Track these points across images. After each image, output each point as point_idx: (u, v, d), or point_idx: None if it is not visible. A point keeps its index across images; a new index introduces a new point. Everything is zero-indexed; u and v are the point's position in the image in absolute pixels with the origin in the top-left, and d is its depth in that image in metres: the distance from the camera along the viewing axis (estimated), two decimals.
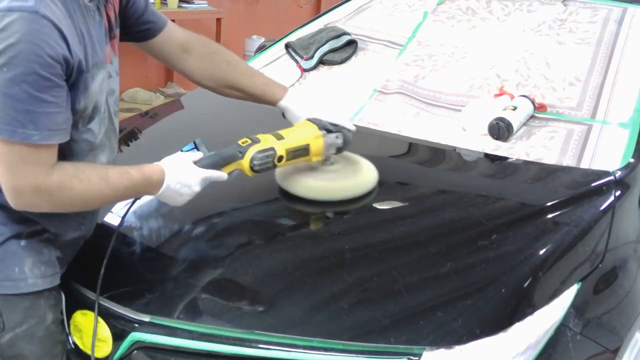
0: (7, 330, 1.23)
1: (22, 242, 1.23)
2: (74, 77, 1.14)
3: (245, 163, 1.35)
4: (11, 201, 1.13)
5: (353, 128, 1.57)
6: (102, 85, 1.25)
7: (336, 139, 1.51)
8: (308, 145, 1.45)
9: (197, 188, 1.30)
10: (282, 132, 1.44)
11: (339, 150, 1.53)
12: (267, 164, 1.38)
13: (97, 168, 1.20)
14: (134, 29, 1.42)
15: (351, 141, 1.54)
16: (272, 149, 1.38)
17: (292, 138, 1.43)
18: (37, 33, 1.05)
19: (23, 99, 1.05)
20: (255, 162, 1.36)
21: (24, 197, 1.12)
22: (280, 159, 1.40)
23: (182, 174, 1.28)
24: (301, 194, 1.51)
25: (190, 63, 1.53)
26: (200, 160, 1.32)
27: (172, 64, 1.55)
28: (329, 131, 1.49)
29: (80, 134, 1.23)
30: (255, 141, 1.38)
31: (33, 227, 1.24)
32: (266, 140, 1.39)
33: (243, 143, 1.37)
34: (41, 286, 1.24)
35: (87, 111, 1.22)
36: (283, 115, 1.62)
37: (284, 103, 1.58)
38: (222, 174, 1.34)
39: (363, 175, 1.57)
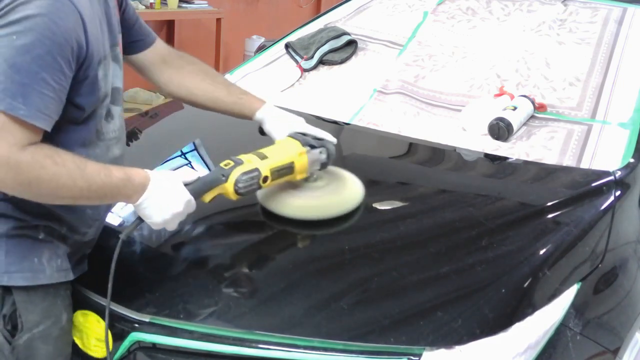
0: (25, 331, 1.22)
1: (41, 235, 1.22)
2: (92, 65, 1.14)
3: (229, 187, 1.28)
4: None
5: (335, 141, 1.51)
6: (115, 74, 1.25)
7: (320, 155, 1.44)
8: (292, 163, 1.39)
9: (181, 208, 1.22)
10: (264, 150, 1.37)
11: (323, 165, 1.47)
12: (252, 186, 1.32)
13: (76, 157, 1.12)
14: (123, 39, 1.38)
15: (334, 155, 1.48)
16: (257, 169, 1.32)
17: (276, 157, 1.36)
18: (57, 11, 1.05)
19: (22, 71, 1.03)
20: (240, 185, 1.29)
21: None
22: (265, 179, 1.33)
23: (169, 188, 1.21)
24: (287, 215, 1.43)
25: (167, 74, 1.51)
26: (189, 184, 1.25)
27: (150, 76, 1.52)
28: (312, 147, 1.43)
29: (103, 125, 1.23)
30: (238, 163, 1.31)
31: (50, 221, 1.23)
32: (249, 161, 1.32)
33: (225, 165, 1.30)
34: (57, 279, 1.24)
35: (107, 100, 1.22)
36: (260, 130, 1.57)
37: (260, 115, 1.53)
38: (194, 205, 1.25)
39: (349, 190, 1.50)
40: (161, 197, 1.20)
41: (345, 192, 1.49)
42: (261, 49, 2.56)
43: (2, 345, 1.22)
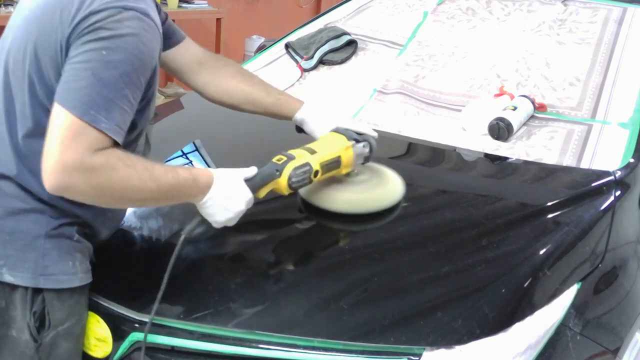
0: (52, 329, 1.23)
1: (75, 236, 1.23)
2: (154, 86, 1.21)
3: (283, 181, 1.30)
4: (48, 179, 1.07)
5: (376, 135, 1.51)
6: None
7: (363, 149, 1.46)
8: (339, 157, 1.40)
9: (242, 207, 1.25)
10: (312, 145, 1.39)
11: (366, 159, 1.48)
12: (304, 180, 1.33)
13: (142, 159, 1.16)
14: None
15: (376, 149, 1.49)
16: (308, 164, 1.33)
17: (324, 151, 1.37)
18: (146, 33, 1.11)
19: (109, 86, 1.07)
20: (294, 180, 1.31)
21: (64, 175, 1.06)
22: (316, 173, 1.35)
23: (233, 188, 1.23)
24: (335, 209, 1.44)
25: (203, 77, 1.51)
26: (249, 180, 1.27)
27: (186, 78, 1.53)
28: (356, 141, 1.44)
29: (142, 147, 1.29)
30: (291, 158, 1.32)
31: (80, 223, 1.24)
32: (301, 156, 1.34)
33: (278, 160, 1.31)
34: (86, 280, 1.25)
35: (151, 122, 1.28)
36: (297, 129, 1.58)
37: (301, 115, 1.53)
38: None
39: (392, 184, 1.51)
40: (225, 197, 1.23)
41: (389, 186, 1.51)
42: (261, 49, 2.56)
43: (27, 343, 1.22)
